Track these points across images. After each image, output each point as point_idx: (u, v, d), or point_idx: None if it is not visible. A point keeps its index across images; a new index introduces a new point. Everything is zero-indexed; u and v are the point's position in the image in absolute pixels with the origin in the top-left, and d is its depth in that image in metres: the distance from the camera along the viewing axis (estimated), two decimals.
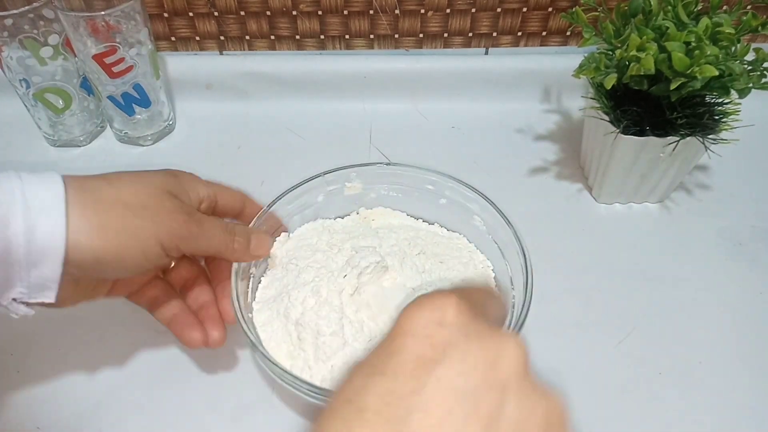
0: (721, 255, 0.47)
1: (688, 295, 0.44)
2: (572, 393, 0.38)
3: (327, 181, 0.44)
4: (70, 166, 0.56)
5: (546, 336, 0.41)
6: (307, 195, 0.43)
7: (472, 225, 0.43)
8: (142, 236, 0.31)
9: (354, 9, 0.57)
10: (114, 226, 0.30)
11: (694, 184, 0.53)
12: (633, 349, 0.41)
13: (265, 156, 0.56)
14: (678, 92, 0.41)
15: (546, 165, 0.55)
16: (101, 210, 0.30)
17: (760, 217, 0.50)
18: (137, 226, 0.31)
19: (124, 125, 0.56)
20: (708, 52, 0.38)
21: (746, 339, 0.41)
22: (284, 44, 0.60)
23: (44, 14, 0.48)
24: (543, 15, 0.57)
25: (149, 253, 0.31)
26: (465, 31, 0.59)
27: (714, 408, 0.38)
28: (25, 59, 0.50)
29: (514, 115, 0.60)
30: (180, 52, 0.61)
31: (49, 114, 0.55)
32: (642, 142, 0.44)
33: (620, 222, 0.50)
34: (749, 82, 0.40)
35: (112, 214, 0.30)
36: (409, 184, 0.45)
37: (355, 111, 0.61)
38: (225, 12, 0.58)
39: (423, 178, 0.44)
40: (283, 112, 0.61)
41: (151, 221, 0.31)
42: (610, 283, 0.45)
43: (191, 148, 0.58)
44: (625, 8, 0.43)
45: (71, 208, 0.29)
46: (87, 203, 0.30)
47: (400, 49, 0.60)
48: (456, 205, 0.44)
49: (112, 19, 0.48)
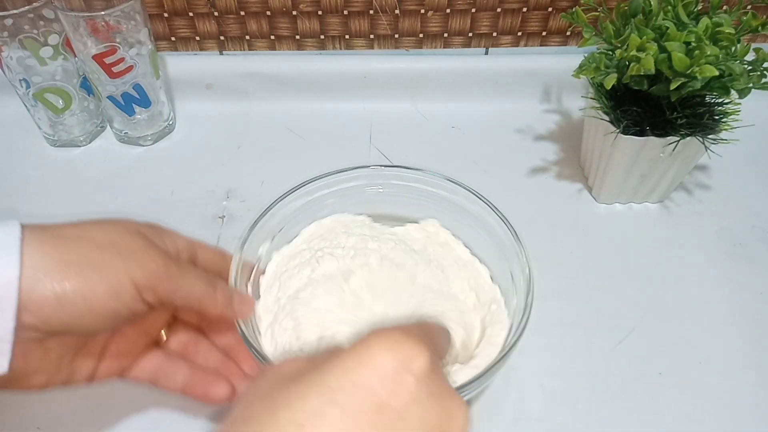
0: (721, 255, 0.47)
1: (688, 295, 0.44)
2: (572, 393, 0.38)
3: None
4: (70, 166, 0.56)
5: (546, 336, 0.41)
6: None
7: (471, 227, 0.43)
8: (112, 272, 0.27)
9: (354, 9, 0.57)
10: (78, 261, 0.26)
11: (694, 184, 0.53)
12: (633, 349, 0.41)
13: (265, 156, 0.56)
14: (678, 92, 0.41)
15: (546, 165, 0.55)
16: (63, 245, 0.26)
17: (760, 217, 0.50)
18: (105, 262, 0.27)
19: (124, 125, 0.56)
20: (708, 52, 0.38)
21: (746, 339, 0.41)
22: (284, 44, 0.60)
23: (44, 14, 0.48)
24: (543, 15, 0.57)
25: (121, 293, 0.27)
26: (465, 31, 0.59)
27: (714, 408, 0.38)
28: (25, 59, 0.50)
29: (514, 115, 0.60)
30: (180, 52, 0.61)
31: (49, 114, 0.55)
32: (642, 142, 0.44)
33: (620, 222, 0.50)
34: (749, 82, 0.40)
35: (76, 250, 0.26)
36: (403, 185, 0.44)
37: (355, 111, 0.61)
38: (225, 12, 0.58)
39: (417, 178, 0.44)
40: (283, 112, 0.61)
41: (121, 257, 0.27)
42: (610, 283, 0.45)
43: (191, 148, 0.58)
44: (625, 8, 0.43)
45: (27, 246, 0.25)
46: (46, 240, 0.26)
47: (400, 49, 0.60)
48: (455, 207, 0.43)
49: (112, 19, 0.48)
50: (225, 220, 0.50)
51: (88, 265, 0.26)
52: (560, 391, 0.38)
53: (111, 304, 0.27)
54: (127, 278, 0.27)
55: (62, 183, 0.54)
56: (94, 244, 0.27)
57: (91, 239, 0.27)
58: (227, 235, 0.48)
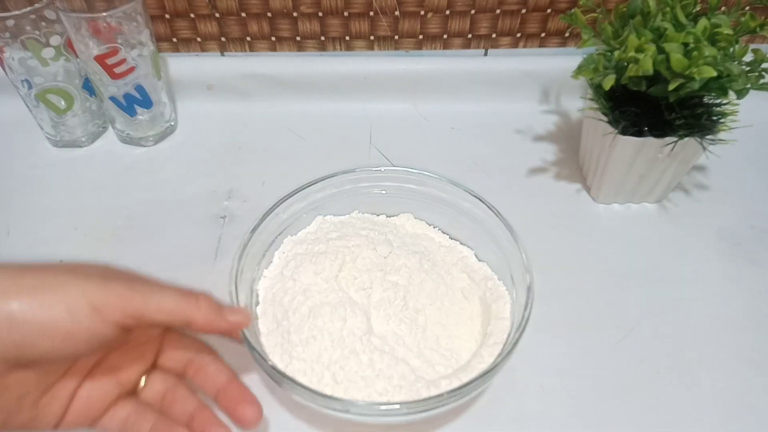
0: (719, 255, 0.47)
1: (687, 295, 0.44)
2: (572, 393, 0.39)
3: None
4: (72, 166, 0.56)
5: (545, 336, 0.41)
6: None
7: (470, 227, 0.44)
8: (65, 291, 0.26)
9: (354, 11, 0.57)
10: (32, 284, 0.25)
11: (692, 185, 0.53)
12: (632, 349, 0.41)
13: (266, 157, 0.57)
14: (676, 93, 0.41)
15: (545, 165, 0.55)
16: (11, 271, 0.26)
17: (759, 217, 0.50)
18: (60, 283, 0.26)
19: (125, 126, 0.57)
20: (706, 53, 0.38)
21: (745, 339, 0.41)
22: (285, 45, 0.60)
23: (46, 15, 0.49)
24: (542, 16, 0.58)
25: (75, 312, 0.25)
26: (464, 33, 0.59)
27: (713, 408, 0.38)
28: (27, 60, 0.50)
29: (513, 116, 0.60)
30: (181, 53, 0.61)
31: (51, 115, 0.55)
32: (640, 142, 0.44)
33: (619, 222, 0.50)
34: (747, 83, 0.40)
35: (28, 273, 0.26)
36: (407, 187, 0.45)
37: (356, 112, 0.61)
38: (226, 13, 0.58)
39: (419, 180, 0.44)
40: (283, 113, 0.61)
41: (77, 279, 0.26)
42: (609, 283, 0.45)
43: (192, 149, 0.58)
44: (624, 9, 0.43)
45: None
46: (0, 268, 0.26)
47: (400, 50, 0.61)
48: (454, 208, 0.44)
49: (113, 20, 0.48)
50: (226, 220, 0.50)
51: (42, 287, 0.26)
52: (560, 391, 0.39)
53: (65, 325, 0.25)
54: (82, 297, 0.26)
55: (64, 183, 0.54)
56: (48, 269, 0.27)
57: (46, 266, 0.27)
58: (228, 236, 0.49)
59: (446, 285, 0.41)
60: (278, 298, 0.39)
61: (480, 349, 0.36)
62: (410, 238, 0.44)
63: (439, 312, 0.39)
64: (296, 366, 0.35)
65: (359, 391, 0.34)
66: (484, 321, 0.39)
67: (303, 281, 0.39)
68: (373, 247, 0.42)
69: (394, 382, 0.34)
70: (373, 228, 0.44)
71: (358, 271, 0.41)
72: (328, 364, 0.35)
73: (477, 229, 0.43)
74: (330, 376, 0.35)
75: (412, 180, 0.44)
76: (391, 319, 0.38)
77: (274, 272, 0.42)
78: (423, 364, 0.36)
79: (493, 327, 0.37)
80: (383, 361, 0.35)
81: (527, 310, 0.35)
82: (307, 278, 0.39)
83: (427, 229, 0.45)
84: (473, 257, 0.43)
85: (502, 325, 0.37)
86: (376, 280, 0.40)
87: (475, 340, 0.39)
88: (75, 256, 0.47)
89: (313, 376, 0.35)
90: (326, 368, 0.35)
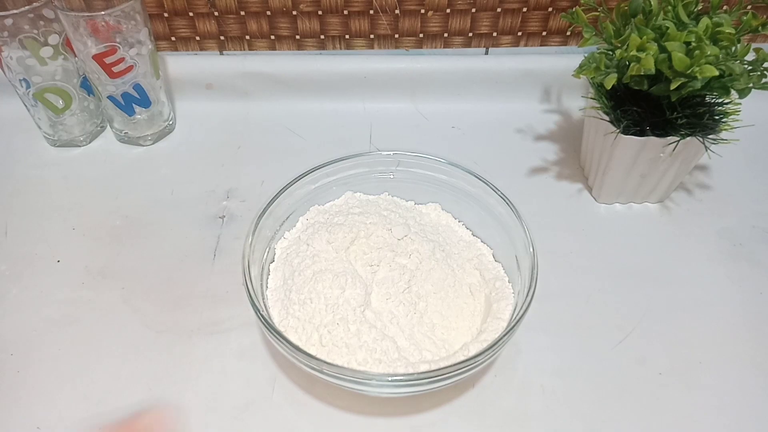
0: (721, 255, 0.47)
1: (688, 295, 0.44)
2: (572, 393, 0.38)
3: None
4: (70, 166, 0.56)
5: (546, 335, 0.41)
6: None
7: (493, 227, 0.44)
8: None
9: (354, 9, 0.57)
10: None
11: (694, 184, 0.53)
12: (633, 349, 0.41)
13: (265, 156, 0.57)
14: (678, 92, 0.41)
15: (546, 165, 0.55)
16: None
17: (760, 217, 0.50)
18: None
19: (124, 125, 0.56)
20: (708, 52, 0.38)
21: (746, 339, 0.41)
22: (284, 44, 0.60)
23: (44, 14, 0.48)
24: (543, 15, 0.57)
25: None
26: (465, 31, 0.59)
27: (714, 408, 0.38)
28: (25, 59, 0.50)
29: (514, 115, 0.60)
30: (180, 52, 0.61)
31: (49, 114, 0.55)
32: (642, 142, 0.44)
33: (620, 222, 0.50)
34: (749, 82, 0.40)
35: None
36: (440, 178, 0.46)
37: (355, 111, 0.61)
38: (225, 12, 0.58)
39: (431, 166, 0.45)
40: (283, 112, 0.61)
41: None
42: (610, 283, 0.45)
43: (191, 148, 0.58)
44: (626, 8, 0.43)
45: None
46: None
47: (400, 49, 0.60)
48: (461, 193, 0.45)
49: (112, 19, 0.48)
50: (225, 220, 0.50)
51: None
52: (560, 391, 0.38)
53: None
54: None
55: (62, 183, 0.54)
56: None
57: None
58: (227, 235, 0.48)
59: (455, 277, 0.41)
60: (290, 259, 0.41)
61: (469, 343, 0.37)
62: (431, 227, 0.45)
63: (441, 302, 0.40)
64: (290, 322, 0.38)
65: (341, 356, 0.36)
66: (485, 319, 0.39)
67: (315, 247, 0.41)
68: (389, 228, 0.43)
69: (375, 355, 0.35)
70: (395, 210, 0.45)
71: (369, 248, 0.42)
72: (317, 326, 0.37)
73: (499, 229, 0.43)
74: (317, 337, 0.37)
75: (443, 171, 0.45)
76: (390, 298, 0.39)
77: (293, 235, 0.44)
78: (411, 346, 0.37)
79: (488, 325, 0.37)
80: (370, 334, 0.36)
81: (520, 311, 0.35)
82: (319, 245, 0.41)
83: (451, 222, 0.46)
84: (490, 256, 0.44)
85: (497, 325, 0.37)
86: (385, 259, 0.41)
87: (472, 335, 0.39)
88: (73, 255, 0.47)
89: (303, 334, 0.37)
90: (315, 329, 0.37)
